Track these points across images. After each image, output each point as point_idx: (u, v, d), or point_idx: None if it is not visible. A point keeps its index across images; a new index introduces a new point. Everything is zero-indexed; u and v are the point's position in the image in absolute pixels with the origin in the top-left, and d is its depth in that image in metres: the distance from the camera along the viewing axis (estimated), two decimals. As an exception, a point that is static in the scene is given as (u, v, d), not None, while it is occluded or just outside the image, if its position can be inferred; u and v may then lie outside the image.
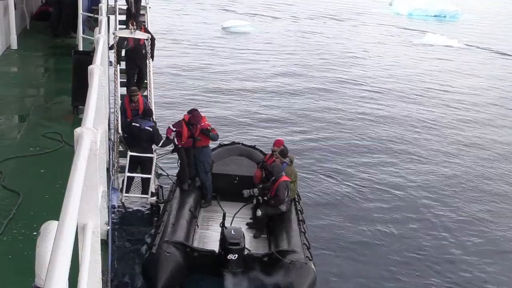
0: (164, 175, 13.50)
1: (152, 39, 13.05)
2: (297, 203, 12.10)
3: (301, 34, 40.42)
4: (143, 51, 12.91)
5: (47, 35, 14.71)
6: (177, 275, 9.55)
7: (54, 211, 2.73)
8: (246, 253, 10.04)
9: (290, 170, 11.98)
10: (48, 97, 10.41)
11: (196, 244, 10.64)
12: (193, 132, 11.79)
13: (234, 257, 9.77)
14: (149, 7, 14.82)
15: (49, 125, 8.55)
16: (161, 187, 12.84)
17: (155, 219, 12.17)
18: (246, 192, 11.59)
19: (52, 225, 2.76)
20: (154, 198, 12.10)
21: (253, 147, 14.21)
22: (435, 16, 56.35)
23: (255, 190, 11.50)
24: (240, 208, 11.54)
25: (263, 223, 11.48)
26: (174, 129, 11.79)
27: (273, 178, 11.33)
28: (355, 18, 51.57)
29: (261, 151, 13.88)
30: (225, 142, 14.32)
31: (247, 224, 11.61)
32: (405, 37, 43.04)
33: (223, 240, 9.94)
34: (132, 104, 11.89)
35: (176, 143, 11.86)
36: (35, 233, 5.11)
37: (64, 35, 14.63)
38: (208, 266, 9.99)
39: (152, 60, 13.19)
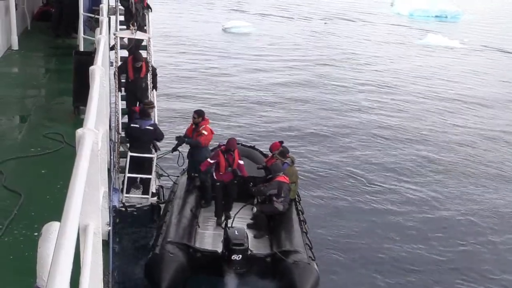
0: (164, 175, 13.50)
1: (154, 70, 12.77)
2: (297, 203, 12.10)
3: (302, 35, 40.43)
4: (143, 84, 12.42)
5: (48, 36, 14.71)
6: (181, 275, 9.56)
7: (56, 212, 2.73)
8: (248, 253, 10.04)
9: (292, 171, 11.97)
10: (49, 98, 10.41)
11: (197, 244, 10.64)
12: (230, 161, 11.57)
13: (238, 257, 9.78)
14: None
15: (50, 126, 8.54)
16: (161, 187, 12.84)
17: (156, 219, 12.17)
18: (255, 188, 11.63)
19: (54, 226, 2.76)
20: (155, 198, 12.09)
21: (253, 147, 14.21)
22: (436, 16, 56.34)
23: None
24: (240, 208, 11.55)
25: (264, 223, 11.48)
26: (212, 161, 11.61)
27: (270, 176, 11.35)
28: (356, 18, 51.57)
29: (260, 151, 13.87)
30: (225, 143, 14.30)
31: (247, 224, 11.61)
32: (406, 38, 43.03)
33: (227, 240, 9.92)
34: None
35: (215, 177, 11.67)
36: (36, 233, 5.11)
37: (65, 36, 14.63)
38: (211, 267, 9.99)
39: (156, 90, 12.88)
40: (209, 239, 11.24)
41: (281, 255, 10.02)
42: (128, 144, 11.87)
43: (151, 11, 13.92)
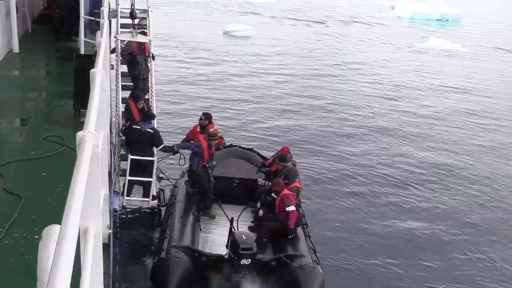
0: (165, 178, 13.48)
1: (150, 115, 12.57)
2: (299, 207, 12.05)
3: (303, 38, 40.47)
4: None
5: (49, 39, 14.71)
6: (187, 279, 9.53)
7: (56, 215, 2.73)
8: (256, 257, 10.02)
9: (293, 174, 11.90)
10: (50, 101, 10.40)
11: (201, 248, 10.62)
12: None
13: (247, 262, 9.77)
14: (151, 11, 14.82)
15: (50, 129, 8.53)
16: (162, 190, 12.82)
17: (156, 222, 12.14)
18: (261, 180, 11.52)
19: (54, 229, 2.75)
20: (155, 201, 12.07)
21: (251, 149, 14.19)
22: (437, 20, 56.44)
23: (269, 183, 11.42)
24: (242, 211, 11.53)
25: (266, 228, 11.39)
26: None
27: (286, 181, 11.21)
28: (357, 22, 51.63)
29: (258, 153, 13.86)
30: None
31: (248, 227, 11.56)
32: (408, 41, 43.06)
33: (235, 244, 9.87)
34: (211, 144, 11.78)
35: None
36: (36, 236, 5.09)
37: (66, 39, 14.65)
38: (216, 271, 9.98)
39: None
40: (212, 242, 11.20)
41: (286, 259, 10.00)
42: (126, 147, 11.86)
43: (154, 59, 13.84)
